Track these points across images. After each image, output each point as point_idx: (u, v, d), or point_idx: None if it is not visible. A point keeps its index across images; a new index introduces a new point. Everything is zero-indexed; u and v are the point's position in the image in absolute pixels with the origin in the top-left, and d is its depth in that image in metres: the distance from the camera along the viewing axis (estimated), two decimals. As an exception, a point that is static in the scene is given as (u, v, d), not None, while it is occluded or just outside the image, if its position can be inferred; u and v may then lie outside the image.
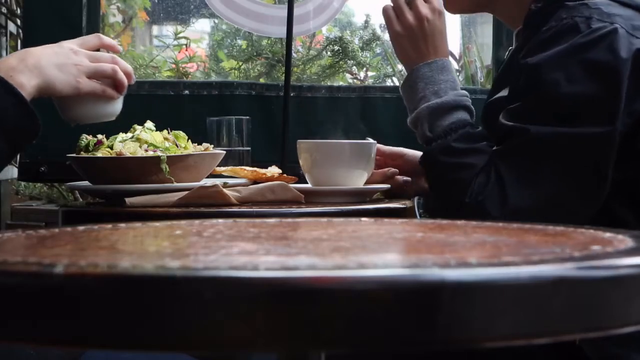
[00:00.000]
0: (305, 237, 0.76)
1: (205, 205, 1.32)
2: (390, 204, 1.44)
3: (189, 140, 1.49)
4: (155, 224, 0.88)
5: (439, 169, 1.36)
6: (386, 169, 1.54)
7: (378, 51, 3.07)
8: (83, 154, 1.43)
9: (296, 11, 2.21)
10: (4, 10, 3.30)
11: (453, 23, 3.34)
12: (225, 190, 1.34)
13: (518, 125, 1.25)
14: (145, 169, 1.37)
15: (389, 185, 1.53)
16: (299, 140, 1.60)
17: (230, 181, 1.47)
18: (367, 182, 1.49)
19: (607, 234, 0.70)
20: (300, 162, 1.58)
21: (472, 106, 1.42)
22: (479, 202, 1.25)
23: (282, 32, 2.11)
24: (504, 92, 1.35)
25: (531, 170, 1.24)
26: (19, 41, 3.28)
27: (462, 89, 1.45)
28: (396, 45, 1.47)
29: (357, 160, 1.47)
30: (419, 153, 1.54)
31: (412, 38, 1.44)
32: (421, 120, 1.40)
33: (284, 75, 2.11)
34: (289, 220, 0.91)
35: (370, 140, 1.58)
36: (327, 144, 1.58)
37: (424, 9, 1.43)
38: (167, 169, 1.37)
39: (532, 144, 1.23)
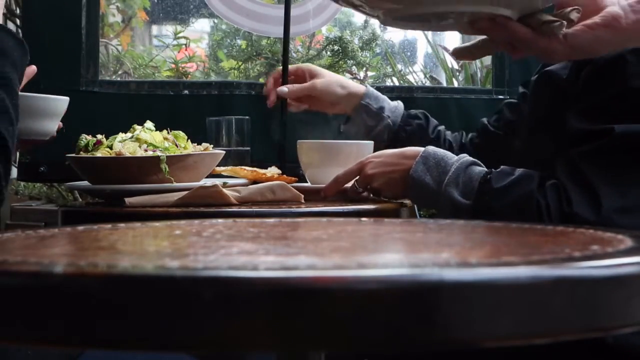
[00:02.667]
0: (305, 237, 0.76)
1: (204, 205, 1.32)
2: (390, 204, 1.44)
3: (189, 140, 1.49)
4: (154, 224, 0.88)
5: (503, 214, 1.28)
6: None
7: (378, 51, 3.07)
8: (82, 154, 1.43)
9: (296, 11, 2.21)
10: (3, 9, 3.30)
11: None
12: (225, 190, 1.34)
13: (600, 126, 1.21)
14: (144, 169, 1.37)
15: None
16: (299, 141, 1.62)
17: (230, 181, 1.47)
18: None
19: (607, 234, 0.70)
20: (301, 162, 1.60)
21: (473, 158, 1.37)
22: (568, 214, 1.20)
23: (281, 32, 2.10)
24: (560, 64, 1.33)
25: (620, 169, 1.21)
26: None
27: (462, 89, 1.45)
28: (387, 186, 1.43)
29: (356, 160, 1.48)
30: (330, 79, 1.63)
31: (386, 176, 1.41)
32: (447, 197, 1.32)
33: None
34: (289, 220, 0.91)
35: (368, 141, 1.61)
36: (327, 144, 1.60)
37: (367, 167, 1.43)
38: (167, 169, 1.37)
39: (617, 142, 1.20)
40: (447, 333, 0.48)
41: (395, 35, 3.40)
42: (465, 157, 1.35)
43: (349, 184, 1.48)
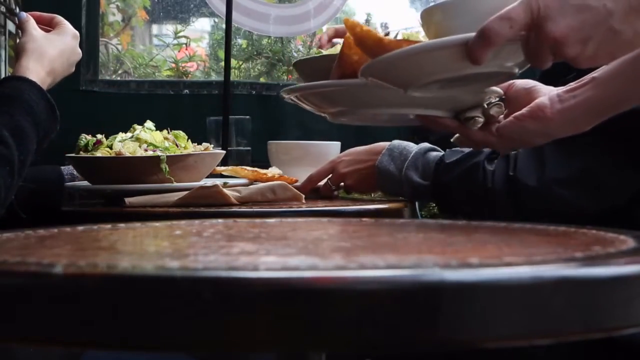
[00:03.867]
0: (306, 237, 0.76)
1: (205, 205, 1.32)
2: (391, 204, 1.44)
3: (189, 140, 1.49)
4: (155, 224, 0.88)
5: (453, 185, 1.38)
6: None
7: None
8: (82, 154, 1.43)
9: (297, 10, 2.21)
10: (3, 9, 3.30)
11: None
12: (225, 190, 1.34)
13: None
14: (145, 168, 1.37)
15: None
16: (269, 142, 1.70)
17: (230, 181, 1.47)
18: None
19: (609, 235, 0.70)
20: (271, 161, 1.67)
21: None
22: (512, 179, 1.28)
23: (282, 31, 2.11)
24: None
25: (575, 143, 1.24)
26: (17, 40, 3.27)
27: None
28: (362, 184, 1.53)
29: (325, 159, 1.57)
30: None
31: (358, 173, 1.51)
32: (407, 180, 1.43)
33: (284, 74, 2.11)
34: (289, 220, 0.91)
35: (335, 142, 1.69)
36: (296, 145, 1.68)
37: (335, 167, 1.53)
38: (167, 169, 1.37)
39: None
40: (449, 333, 0.48)
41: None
42: (424, 144, 1.46)
43: (322, 182, 1.56)
